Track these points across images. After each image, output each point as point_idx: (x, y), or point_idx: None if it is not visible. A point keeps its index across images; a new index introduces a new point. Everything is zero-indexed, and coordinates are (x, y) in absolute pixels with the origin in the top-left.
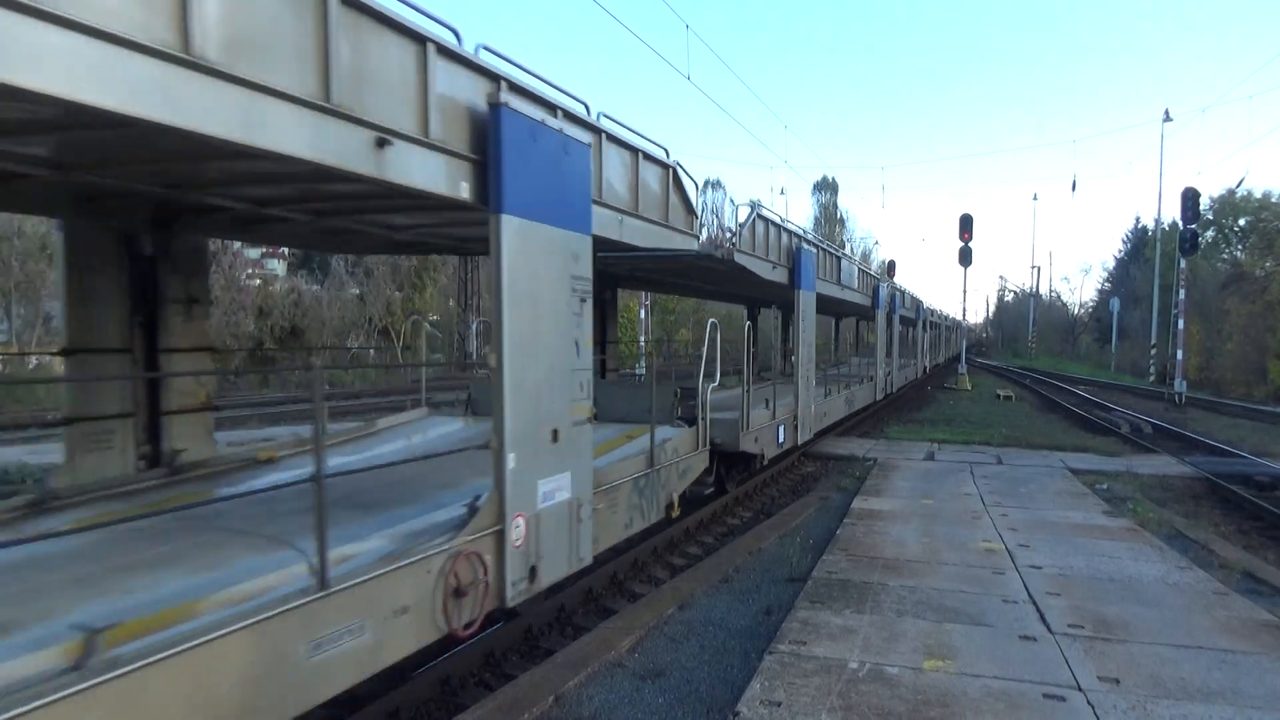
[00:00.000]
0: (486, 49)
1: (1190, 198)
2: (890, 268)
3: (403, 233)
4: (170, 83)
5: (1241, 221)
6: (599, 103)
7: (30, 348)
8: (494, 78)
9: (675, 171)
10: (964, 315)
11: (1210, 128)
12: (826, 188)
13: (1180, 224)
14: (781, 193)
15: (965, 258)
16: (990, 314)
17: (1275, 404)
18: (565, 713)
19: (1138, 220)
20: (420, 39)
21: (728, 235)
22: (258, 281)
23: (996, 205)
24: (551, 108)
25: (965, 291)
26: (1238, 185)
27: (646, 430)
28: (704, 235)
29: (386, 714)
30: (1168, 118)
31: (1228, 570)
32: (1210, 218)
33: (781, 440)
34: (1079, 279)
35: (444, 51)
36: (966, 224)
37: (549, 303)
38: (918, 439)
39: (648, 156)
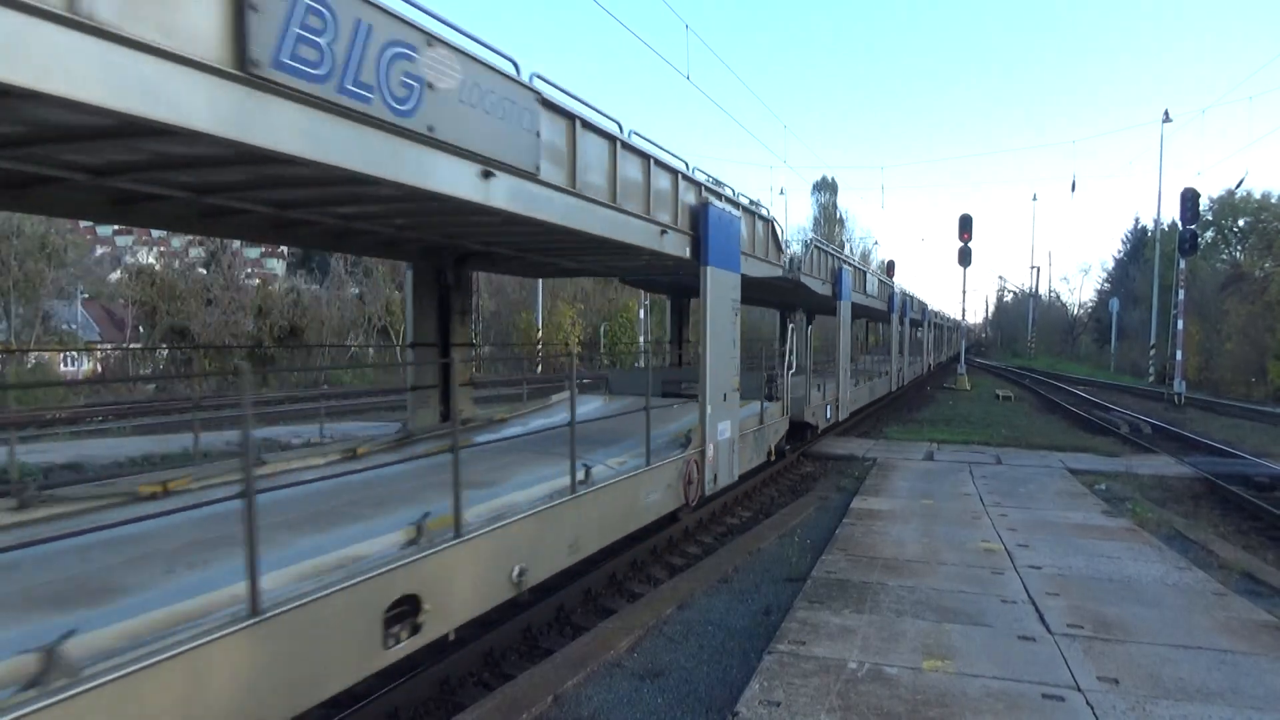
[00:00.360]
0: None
1: (1190, 198)
2: (889, 268)
3: (619, 270)
4: (570, 211)
5: (1241, 222)
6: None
7: (29, 345)
8: (700, 185)
9: (773, 224)
10: (963, 315)
11: (1210, 128)
12: (826, 188)
13: (1180, 224)
14: (781, 193)
15: (965, 258)
16: (989, 314)
17: (1274, 404)
18: (564, 713)
19: (1137, 221)
20: (673, 170)
21: (795, 261)
22: (257, 281)
23: (996, 205)
24: (726, 197)
25: (965, 292)
26: (1237, 186)
27: (756, 400)
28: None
29: (386, 714)
30: (1167, 118)
31: (1227, 570)
32: (1210, 218)
33: (829, 416)
34: (1078, 279)
35: (684, 176)
36: (966, 224)
37: (723, 315)
38: (917, 439)
39: (762, 218)
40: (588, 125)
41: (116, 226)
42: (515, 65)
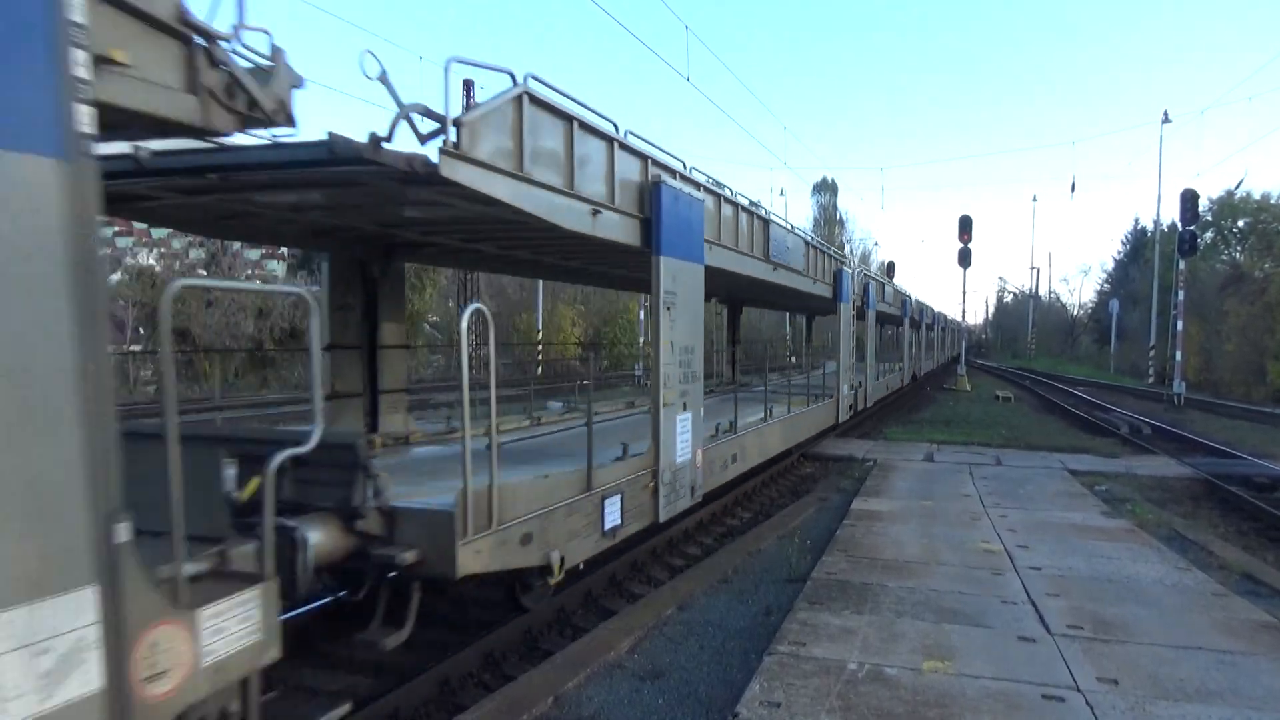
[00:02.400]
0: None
1: (1189, 199)
2: (889, 269)
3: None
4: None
5: (1240, 223)
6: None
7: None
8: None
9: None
10: (963, 316)
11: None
12: (826, 189)
13: (1179, 225)
14: (781, 194)
15: (964, 259)
16: (989, 315)
17: (1274, 405)
18: (564, 713)
19: (1137, 221)
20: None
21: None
22: (258, 283)
23: (996, 207)
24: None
25: (965, 293)
26: (1237, 186)
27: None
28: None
29: (387, 715)
30: (1167, 119)
31: (1226, 571)
32: (1209, 219)
33: (853, 405)
34: (1078, 280)
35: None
36: (966, 225)
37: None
38: (917, 440)
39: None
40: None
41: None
42: None
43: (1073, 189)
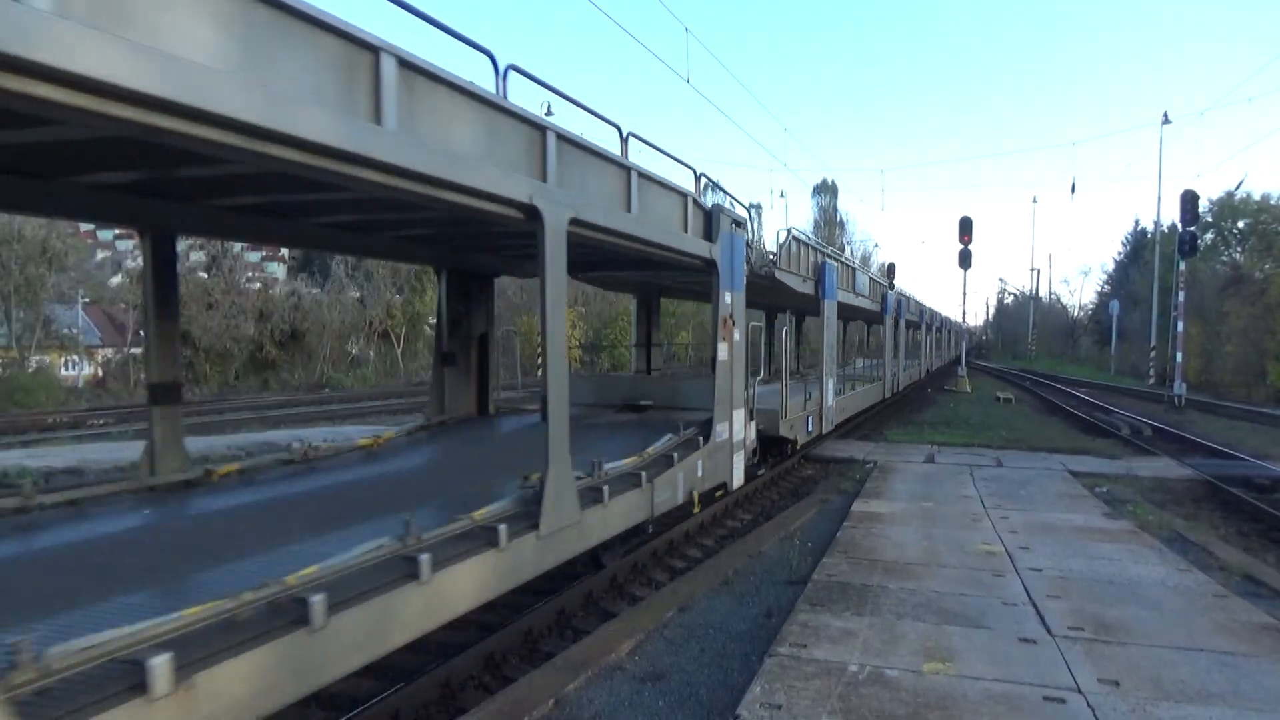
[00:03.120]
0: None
1: (1189, 200)
2: (890, 270)
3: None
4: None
5: (1240, 224)
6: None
7: (30, 350)
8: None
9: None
10: (964, 318)
11: (1209, 130)
12: (826, 190)
13: (1179, 226)
14: (781, 195)
15: (965, 260)
16: (990, 316)
17: (1275, 406)
18: (565, 715)
19: (1137, 223)
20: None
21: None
22: (258, 285)
23: (996, 208)
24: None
25: (965, 294)
26: (1237, 187)
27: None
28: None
29: (388, 716)
30: (1167, 120)
31: (1227, 572)
32: (1209, 220)
33: (810, 429)
34: (1078, 281)
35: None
36: (966, 227)
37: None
38: (918, 441)
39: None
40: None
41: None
42: None
43: (1073, 190)
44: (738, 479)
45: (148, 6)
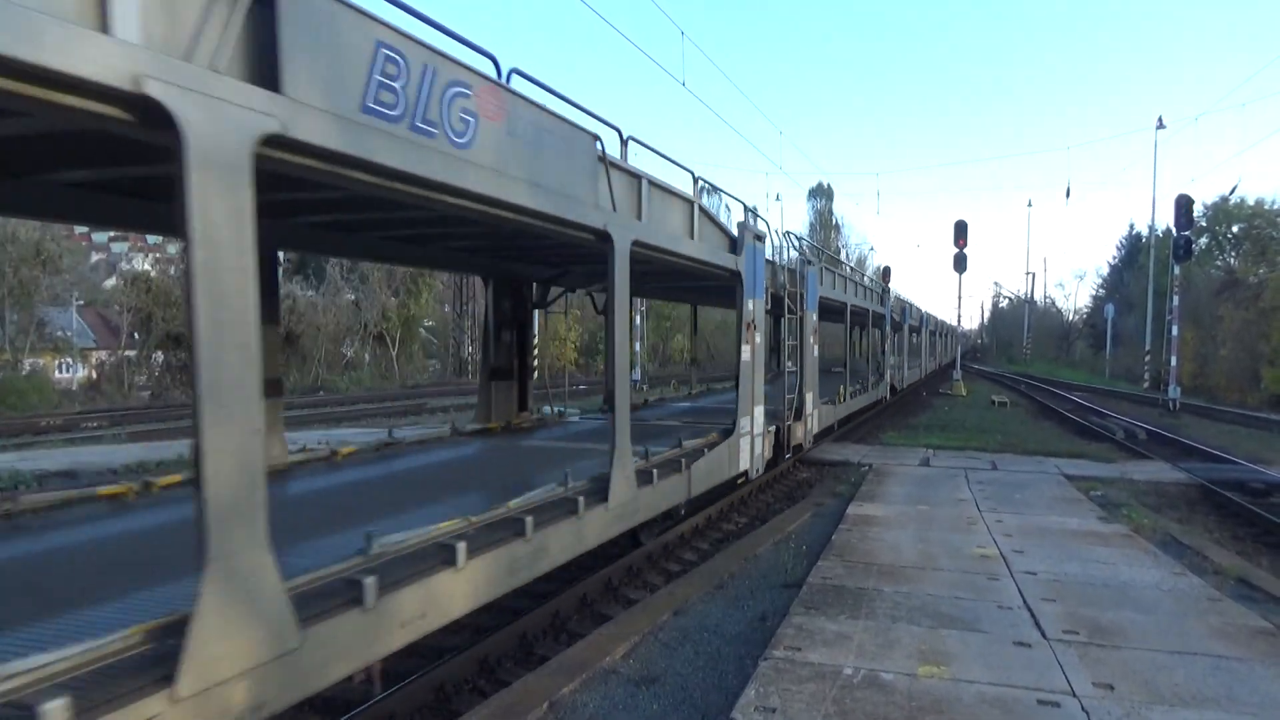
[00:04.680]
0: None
1: (1184, 204)
2: (885, 274)
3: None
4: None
5: (1235, 228)
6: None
7: (24, 353)
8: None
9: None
10: (959, 321)
11: (1204, 135)
12: (821, 194)
13: (1174, 231)
14: (777, 199)
15: (960, 264)
16: (985, 320)
17: (1269, 410)
18: (559, 719)
19: (1132, 227)
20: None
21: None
22: None
23: (991, 212)
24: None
25: (960, 298)
26: (1231, 192)
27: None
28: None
29: (382, 719)
30: (1161, 125)
31: (1222, 576)
32: (1204, 224)
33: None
34: (1073, 285)
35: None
36: (961, 230)
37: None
38: (913, 444)
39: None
40: None
41: (112, 233)
42: None
43: (1068, 194)
44: (757, 468)
45: None
